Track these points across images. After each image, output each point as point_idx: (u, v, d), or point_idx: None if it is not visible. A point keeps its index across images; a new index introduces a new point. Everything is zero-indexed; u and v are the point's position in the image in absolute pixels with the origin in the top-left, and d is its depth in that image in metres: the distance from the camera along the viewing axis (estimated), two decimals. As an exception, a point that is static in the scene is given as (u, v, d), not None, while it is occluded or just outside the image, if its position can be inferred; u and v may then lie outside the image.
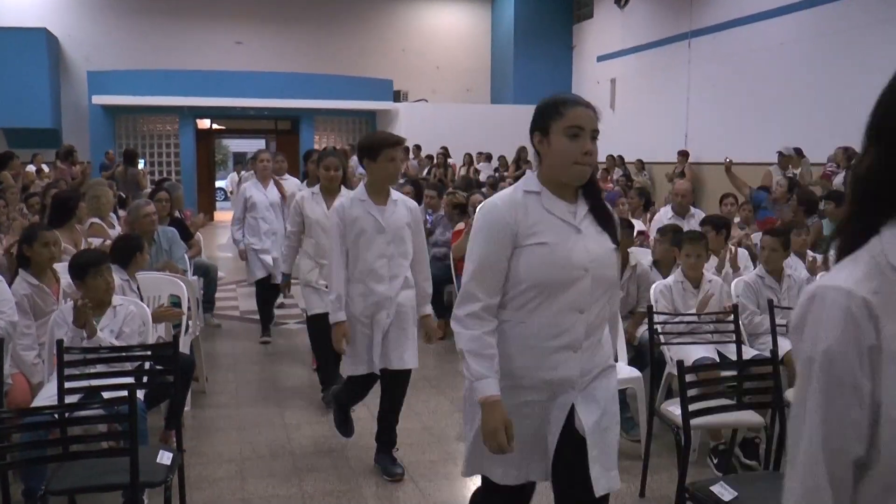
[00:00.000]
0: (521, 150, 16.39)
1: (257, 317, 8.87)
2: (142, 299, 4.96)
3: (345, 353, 4.28)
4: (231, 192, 17.29)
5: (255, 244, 7.38)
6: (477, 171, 16.34)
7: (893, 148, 1.23)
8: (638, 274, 5.63)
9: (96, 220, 6.91)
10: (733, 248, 6.10)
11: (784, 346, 4.81)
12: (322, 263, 5.32)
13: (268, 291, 7.48)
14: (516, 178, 15.08)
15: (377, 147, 4.15)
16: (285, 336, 7.93)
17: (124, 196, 11.22)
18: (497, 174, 16.14)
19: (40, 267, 4.72)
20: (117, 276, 4.57)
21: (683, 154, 15.38)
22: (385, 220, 4.20)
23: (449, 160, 16.55)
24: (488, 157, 17.58)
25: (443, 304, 7.22)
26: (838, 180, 10.49)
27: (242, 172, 14.74)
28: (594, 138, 2.45)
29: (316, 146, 19.93)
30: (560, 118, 2.44)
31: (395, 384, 4.40)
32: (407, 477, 4.44)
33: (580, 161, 2.41)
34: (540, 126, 2.50)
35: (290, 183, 8.21)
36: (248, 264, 7.49)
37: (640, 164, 16.34)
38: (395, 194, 4.37)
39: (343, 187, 5.64)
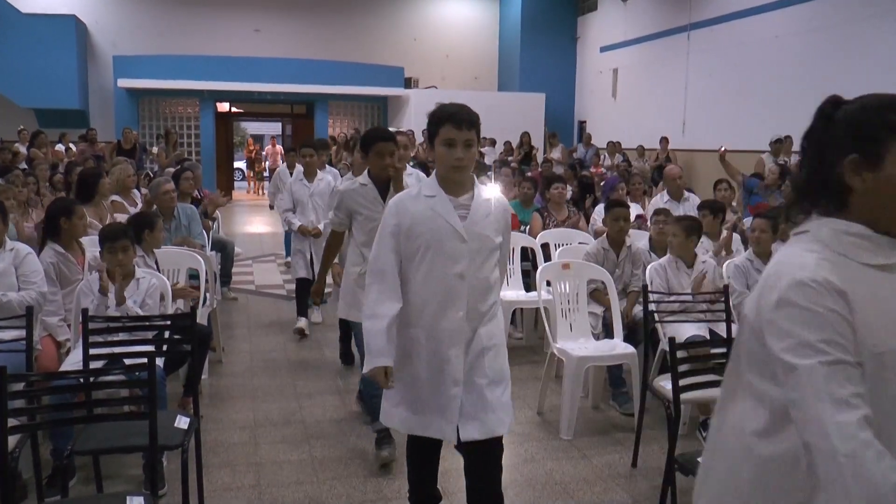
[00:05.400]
0: (524, 136, 16.90)
1: (272, 291, 9.10)
2: (160, 272, 5.08)
3: None
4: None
5: None
6: (482, 155, 16.78)
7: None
8: (633, 253, 5.81)
9: (116, 197, 7.14)
10: (727, 231, 6.34)
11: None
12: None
13: None
14: (520, 162, 15.67)
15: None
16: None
17: (152, 176, 11.68)
18: (501, 157, 16.59)
19: (70, 239, 4.89)
20: (131, 253, 4.63)
21: (664, 140, 15.74)
22: None
23: None
24: (493, 142, 17.78)
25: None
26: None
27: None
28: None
29: (329, 130, 20.41)
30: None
31: None
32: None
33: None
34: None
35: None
36: None
37: (641, 150, 16.66)
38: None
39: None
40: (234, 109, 22.90)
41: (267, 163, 23.27)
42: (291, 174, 9.13)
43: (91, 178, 6.68)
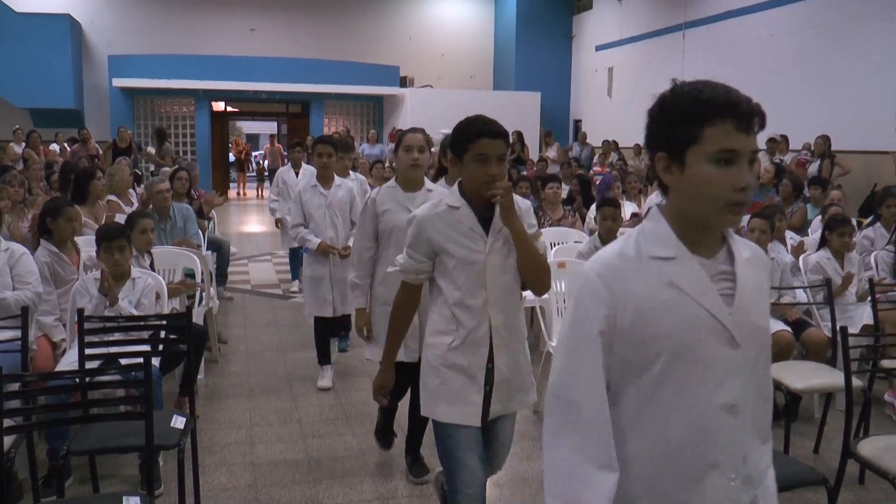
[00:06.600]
0: (514, 135, 16.88)
1: (268, 290, 8.98)
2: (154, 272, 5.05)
3: None
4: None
5: None
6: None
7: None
8: None
9: (112, 197, 7.18)
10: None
11: (770, 324, 5.19)
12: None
13: None
14: (514, 161, 15.64)
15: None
16: (294, 309, 8.14)
17: (140, 174, 11.77)
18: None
19: (61, 239, 4.90)
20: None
21: None
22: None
23: None
24: None
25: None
26: (813, 168, 10.95)
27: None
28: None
29: (325, 130, 20.43)
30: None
31: None
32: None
33: None
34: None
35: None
36: None
37: (639, 149, 16.68)
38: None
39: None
40: (229, 109, 22.90)
41: (266, 162, 23.12)
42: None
43: (84, 178, 6.71)
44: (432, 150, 4.32)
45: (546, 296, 5.48)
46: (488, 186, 2.73)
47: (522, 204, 2.88)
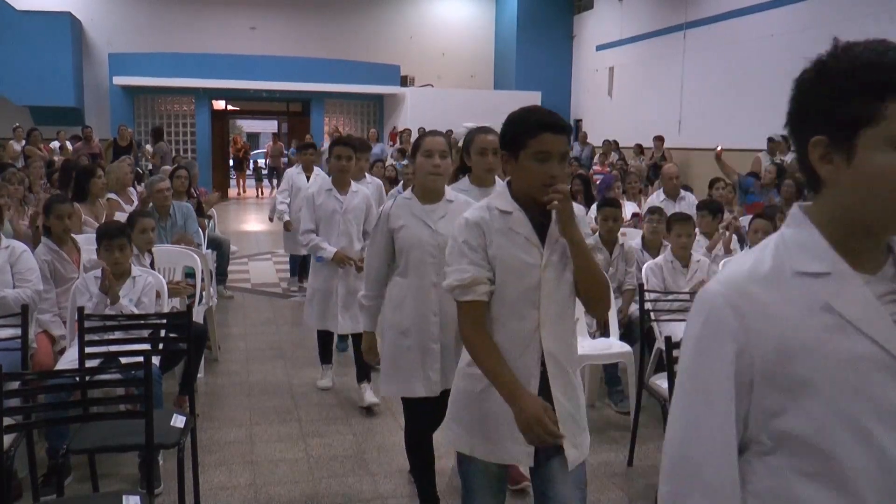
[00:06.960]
0: None
1: (268, 289, 9.00)
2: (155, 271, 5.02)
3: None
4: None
5: None
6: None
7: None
8: (625, 251, 5.79)
9: (112, 195, 7.19)
10: (727, 231, 6.35)
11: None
12: None
13: None
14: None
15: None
16: (294, 308, 8.14)
17: (141, 172, 11.81)
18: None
19: (58, 237, 4.93)
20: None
21: (659, 139, 15.75)
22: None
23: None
24: None
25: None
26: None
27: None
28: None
29: (326, 129, 20.44)
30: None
31: None
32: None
33: None
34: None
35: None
36: None
37: (640, 149, 16.61)
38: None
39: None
40: (229, 107, 22.90)
41: (266, 161, 23.06)
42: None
43: (84, 176, 6.72)
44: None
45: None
46: (548, 189, 2.34)
47: (578, 211, 2.48)
